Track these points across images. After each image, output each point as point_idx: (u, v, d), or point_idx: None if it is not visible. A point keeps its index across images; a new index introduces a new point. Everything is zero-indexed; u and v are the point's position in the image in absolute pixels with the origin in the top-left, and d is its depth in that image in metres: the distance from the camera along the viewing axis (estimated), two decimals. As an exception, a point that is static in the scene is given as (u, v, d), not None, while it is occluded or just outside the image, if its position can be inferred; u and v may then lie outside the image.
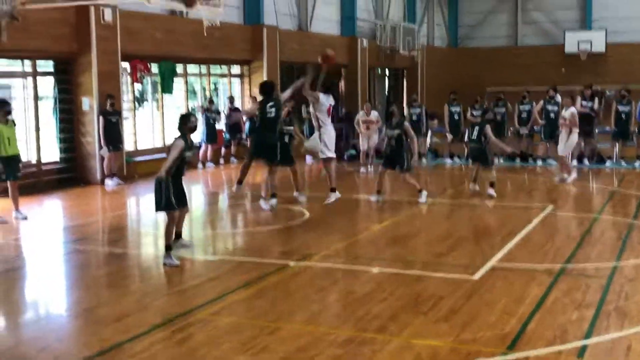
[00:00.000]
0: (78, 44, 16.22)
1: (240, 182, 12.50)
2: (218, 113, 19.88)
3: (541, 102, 18.75)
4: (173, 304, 7.59)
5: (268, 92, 12.26)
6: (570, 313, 7.04)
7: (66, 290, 8.53)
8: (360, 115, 18.87)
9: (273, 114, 12.02)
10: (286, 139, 13.16)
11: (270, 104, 12.09)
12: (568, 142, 15.66)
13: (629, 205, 13.06)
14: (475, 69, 38.89)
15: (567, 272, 8.55)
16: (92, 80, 16.31)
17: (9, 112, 12.38)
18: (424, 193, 13.22)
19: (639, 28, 36.00)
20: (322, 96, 12.46)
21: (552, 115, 18.50)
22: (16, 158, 12.36)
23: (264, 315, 7.17)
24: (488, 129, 13.55)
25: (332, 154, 12.63)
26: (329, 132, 12.50)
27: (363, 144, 18.68)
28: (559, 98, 18.50)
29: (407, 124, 13.43)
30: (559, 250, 9.61)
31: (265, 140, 12.14)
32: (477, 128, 13.80)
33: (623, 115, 18.14)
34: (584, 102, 18.23)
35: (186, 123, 9.38)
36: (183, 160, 9.12)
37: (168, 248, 9.08)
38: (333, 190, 12.66)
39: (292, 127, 13.70)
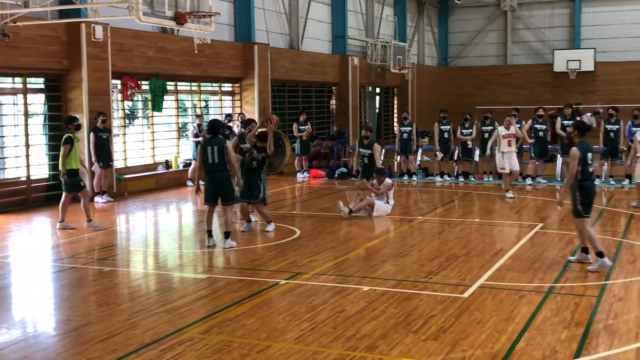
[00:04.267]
0: (69, 61, 16.24)
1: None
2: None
3: (530, 121, 18.90)
4: (162, 322, 7.55)
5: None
6: (560, 332, 7.04)
7: (54, 309, 8.47)
8: (500, 131, 16.46)
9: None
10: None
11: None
12: None
13: (618, 223, 13.11)
14: (466, 87, 39.22)
15: (556, 291, 8.57)
16: (82, 97, 16.33)
17: (79, 127, 13.57)
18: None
19: (627, 47, 36.40)
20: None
21: (540, 133, 18.68)
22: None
23: (254, 333, 7.15)
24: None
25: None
26: None
27: (505, 164, 16.21)
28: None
29: (376, 145, 14.68)
30: (548, 268, 9.63)
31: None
32: None
33: (611, 134, 18.26)
34: (565, 122, 18.35)
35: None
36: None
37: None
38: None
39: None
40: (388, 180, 14.53)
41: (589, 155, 9.53)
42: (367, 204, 14.04)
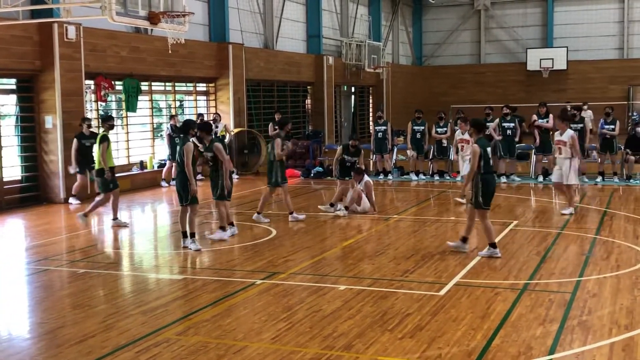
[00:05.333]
0: (41, 61, 16.07)
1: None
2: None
3: (497, 120, 19.09)
4: (138, 324, 7.51)
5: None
6: (535, 328, 7.11)
7: (29, 312, 8.39)
8: (457, 135, 16.19)
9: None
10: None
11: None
12: (572, 167, 13.83)
13: (592, 220, 13.25)
14: (440, 86, 39.44)
15: (531, 288, 8.64)
16: (55, 98, 16.15)
17: (113, 127, 13.77)
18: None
19: (598, 46, 36.81)
20: None
21: (508, 132, 18.92)
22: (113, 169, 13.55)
23: (230, 334, 7.13)
24: None
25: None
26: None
27: (460, 167, 16.07)
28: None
29: (362, 151, 15.06)
30: (522, 265, 9.71)
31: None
32: None
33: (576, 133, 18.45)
34: (540, 120, 18.71)
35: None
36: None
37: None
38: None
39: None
40: (368, 179, 14.62)
41: (488, 150, 10.24)
42: (356, 196, 14.24)
